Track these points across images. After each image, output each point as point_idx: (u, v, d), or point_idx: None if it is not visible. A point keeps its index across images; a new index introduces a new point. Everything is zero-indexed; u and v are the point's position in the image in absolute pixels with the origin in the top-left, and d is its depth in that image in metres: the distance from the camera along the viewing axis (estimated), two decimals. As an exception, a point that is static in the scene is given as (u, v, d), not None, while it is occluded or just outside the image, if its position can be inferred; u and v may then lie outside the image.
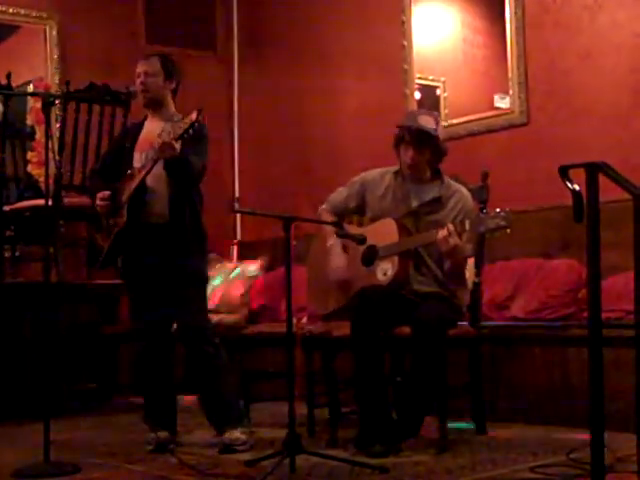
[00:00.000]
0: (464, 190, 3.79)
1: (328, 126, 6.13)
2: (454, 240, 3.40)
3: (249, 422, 4.07)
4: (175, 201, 3.71)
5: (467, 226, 3.38)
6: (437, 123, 3.76)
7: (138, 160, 3.77)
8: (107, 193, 3.77)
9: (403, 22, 5.58)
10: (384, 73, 5.72)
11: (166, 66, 3.83)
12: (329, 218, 3.89)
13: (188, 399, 4.62)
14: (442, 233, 3.42)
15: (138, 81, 3.80)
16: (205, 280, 3.87)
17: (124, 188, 3.72)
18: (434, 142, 3.71)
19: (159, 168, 3.63)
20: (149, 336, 3.83)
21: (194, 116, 3.44)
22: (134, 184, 3.66)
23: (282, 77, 6.49)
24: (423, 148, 3.70)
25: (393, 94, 5.55)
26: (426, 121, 3.73)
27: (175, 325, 3.86)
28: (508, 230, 3.25)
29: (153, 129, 3.78)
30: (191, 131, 3.46)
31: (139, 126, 3.92)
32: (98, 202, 3.78)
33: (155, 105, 3.84)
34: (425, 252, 3.68)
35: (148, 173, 3.63)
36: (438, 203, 3.73)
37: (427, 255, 3.68)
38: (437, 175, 3.80)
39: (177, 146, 3.48)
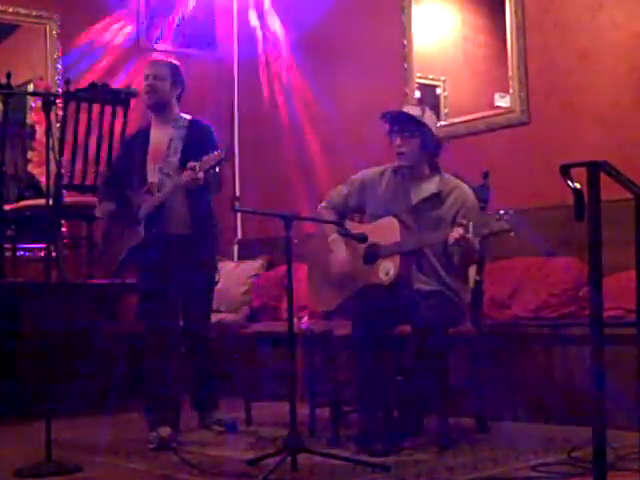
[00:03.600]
0: (464, 186, 3.79)
1: (328, 125, 6.13)
2: (470, 236, 3.38)
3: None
4: (196, 212, 3.83)
5: (470, 228, 3.37)
6: (423, 111, 3.76)
7: (152, 172, 3.85)
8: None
9: (403, 21, 5.58)
10: (384, 72, 5.72)
11: (174, 73, 3.93)
12: (330, 216, 3.89)
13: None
14: (457, 233, 3.40)
15: (146, 83, 3.86)
16: (214, 284, 3.99)
17: (141, 202, 3.78)
18: (421, 129, 3.70)
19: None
20: (156, 337, 3.85)
21: (222, 155, 3.58)
22: (153, 203, 3.75)
23: (282, 77, 6.49)
24: (409, 135, 3.69)
25: (393, 93, 5.54)
26: (410, 109, 3.76)
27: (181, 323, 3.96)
28: (512, 233, 3.24)
29: (161, 137, 3.85)
30: (217, 168, 3.55)
31: (145, 133, 3.96)
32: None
33: (160, 108, 3.89)
34: (429, 251, 3.68)
35: (168, 196, 3.74)
36: (437, 199, 3.73)
37: (431, 254, 3.68)
38: (435, 171, 3.80)
39: (201, 177, 3.60)
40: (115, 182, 4.01)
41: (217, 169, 3.59)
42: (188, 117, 3.94)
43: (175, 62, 4.07)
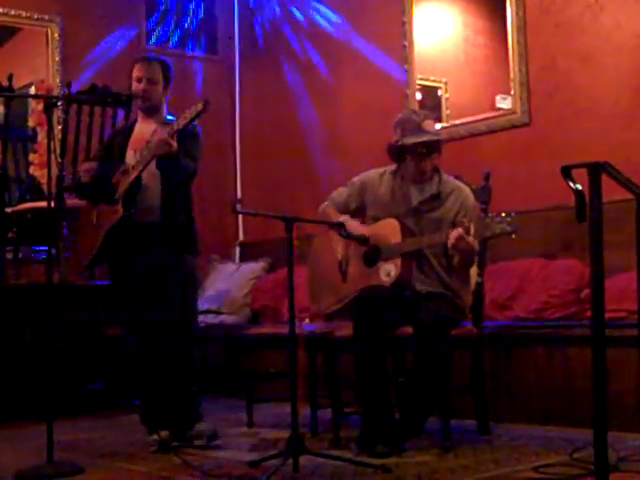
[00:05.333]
0: (464, 187, 3.79)
1: (329, 127, 6.14)
2: (470, 238, 3.39)
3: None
4: (168, 200, 3.72)
5: (472, 230, 3.37)
6: (434, 121, 3.77)
7: (131, 158, 3.77)
8: (93, 164, 3.76)
9: (404, 23, 5.58)
10: (385, 74, 5.72)
11: (165, 73, 3.86)
12: (334, 215, 3.90)
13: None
14: (457, 232, 3.41)
15: (140, 86, 3.80)
16: (195, 281, 3.87)
17: (117, 184, 3.71)
18: (440, 145, 3.73)
19: (153, 166, 3.62)
20: (142, 336, 3.82)
21: (200, 107, 3.43)
22: (130, 178, 3.66)
23: (283, 78, 6.50)
24: (434, 154, 3.72)
25: (395, 95, 5.55)
26: (429, 125, 3.72)
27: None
28: (513, 236, 3.24)
29: (146, 130, 3.79)
30: (196, 120, 3.46)
31: (129, 127, 3.94)
32: (82, 172, 3.76)
33: (152, 110, 3.85)
34: (430, 252, 3.68)
35: (145, 168, 3.62)
36: (437, 200, 3.74)
37: (432, 255, 3.68)
38: (435, 172, 3.80)
39: (174, 143, 3.48)
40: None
41: (195, 121, 3.45)
42: (174, 118, 3.89)
43: (165, 60, 3.97)
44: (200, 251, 3.90)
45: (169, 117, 3.83)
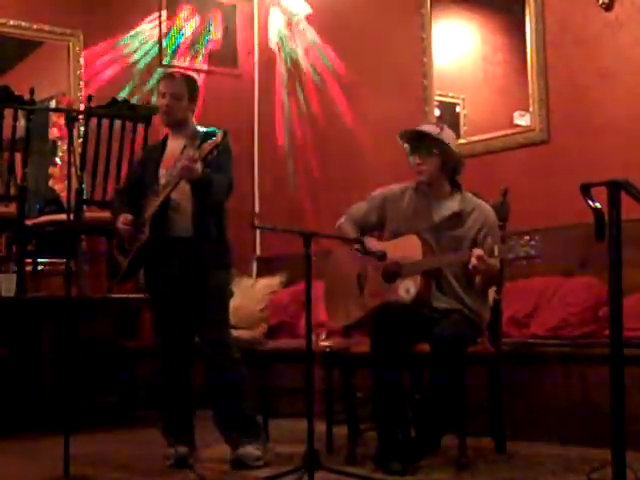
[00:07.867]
0: (485, 205, 3.78)
1: (348, 142, 6.15)
2: (491, 261, 3.38)
3: (267, 440, 4.05)
4: (199, 215, 3.74)
5: (496, 252, 3.36)
6: (442, 129, 3.76)
7: (162, 177, 3.80)
8: (129, 217, 3.78)
9: (423, 39, 5.60)
10: (404, 90, 5.73)
11: (190, 88, 3.86)
12: (351, 230, 3.90)
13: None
14: (477, 252, 3.40)
15: (163, 102, 3.82)
16: (228, 294, 3.88)
17: (148, 205, 3.75)
18: (440, 147, 3.70)
19: (183, 183, 3.65)
20: (171, 350, 3.84)
21: (219, 138, 3.48)
22: (157, 201, 3.69)
23: (301, 93, 6.52)
24: (427, 153, 3.70)
25: (413, 111, 5.55)
26: (427, 127, 3.75)
27: (197, 339, 3.87)
28: (538, 260, 3.22)
29: (176, 147, 3.82)
30: (215, 152, 3.49)
31: (162, 144, 3.95)
32: (120, 225, 3.79)
33: (177, 125, 3.86)
34: (449, 271, 3.67)
35: (170, 192, 3.66)
36: (459, 218, 3.73)
37: (450, 274, 3.67)
38: (457, 189, 3.80)
39: (199, 167, 3.51)
40: (130, 192, 3.98)
41: (215, 152, 3.47)
42: (203, 129, 3.91)
43: (191, 75, 3.98)
44: (232, 265, 3.92)
45: (200, 128, 3.86)
